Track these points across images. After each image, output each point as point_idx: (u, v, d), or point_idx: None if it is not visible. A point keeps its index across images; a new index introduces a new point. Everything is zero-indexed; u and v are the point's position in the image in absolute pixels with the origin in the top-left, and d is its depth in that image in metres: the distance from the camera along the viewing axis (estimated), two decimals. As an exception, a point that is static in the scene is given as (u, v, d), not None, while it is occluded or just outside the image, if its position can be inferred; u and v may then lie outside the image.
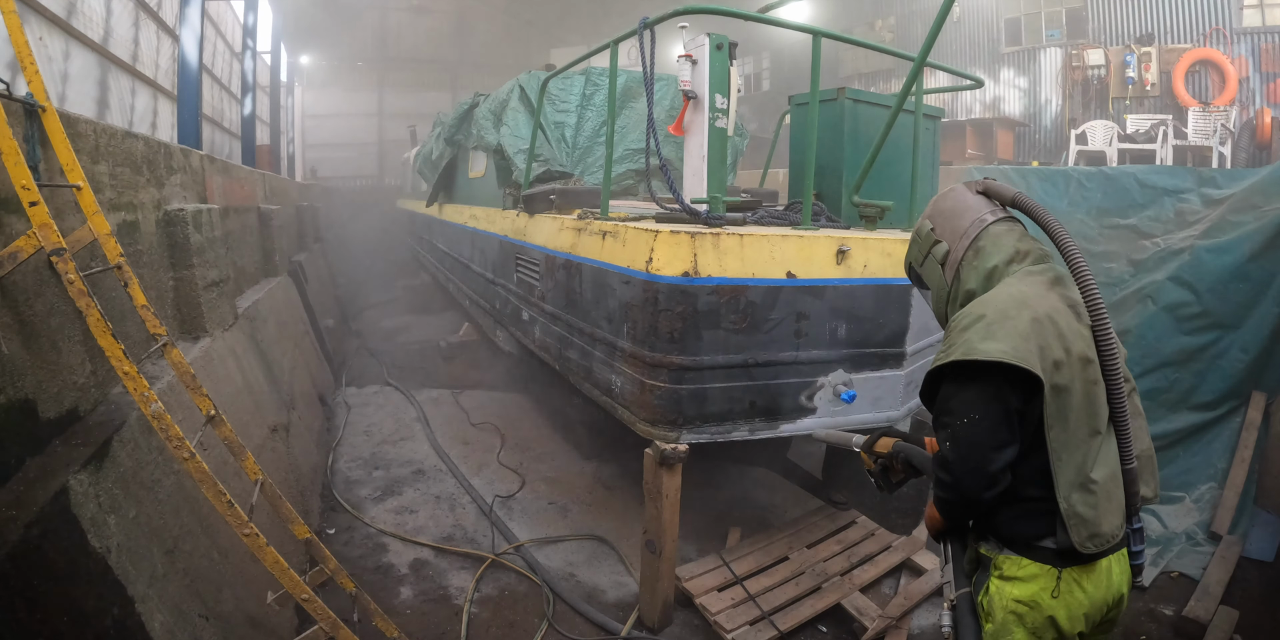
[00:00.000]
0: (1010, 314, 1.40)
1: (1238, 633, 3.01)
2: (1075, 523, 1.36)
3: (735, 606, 3.01)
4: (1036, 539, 1.42)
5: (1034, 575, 1.42)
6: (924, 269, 1.70)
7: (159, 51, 7.29)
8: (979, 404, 1.38)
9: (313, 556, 2.57)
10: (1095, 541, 1.37)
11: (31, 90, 2.08)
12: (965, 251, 1.59)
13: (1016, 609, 1.42)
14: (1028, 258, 1.54)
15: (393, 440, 5.33)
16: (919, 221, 1.72)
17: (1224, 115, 8.05)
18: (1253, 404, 4.12)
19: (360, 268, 13.41)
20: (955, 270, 1.61)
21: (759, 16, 3.24)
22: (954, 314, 1.60)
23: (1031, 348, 1.36)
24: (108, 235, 2.19)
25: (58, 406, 2.05)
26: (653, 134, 3.17)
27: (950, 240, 1.62)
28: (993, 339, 1.36)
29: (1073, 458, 1.38)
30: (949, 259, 1.62)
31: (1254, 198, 4.40)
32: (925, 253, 1.68)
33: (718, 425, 2.88)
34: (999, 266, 1.54)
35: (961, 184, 1.67)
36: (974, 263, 1.57)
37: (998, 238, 1.57)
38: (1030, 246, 1.56)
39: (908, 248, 1.76)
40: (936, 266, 1.65)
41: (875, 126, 3.26)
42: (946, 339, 1.48)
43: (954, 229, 1.61)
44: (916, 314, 3.11)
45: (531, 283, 4.23)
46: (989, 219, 1.58)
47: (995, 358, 1.34)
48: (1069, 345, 1.40)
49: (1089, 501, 1.37)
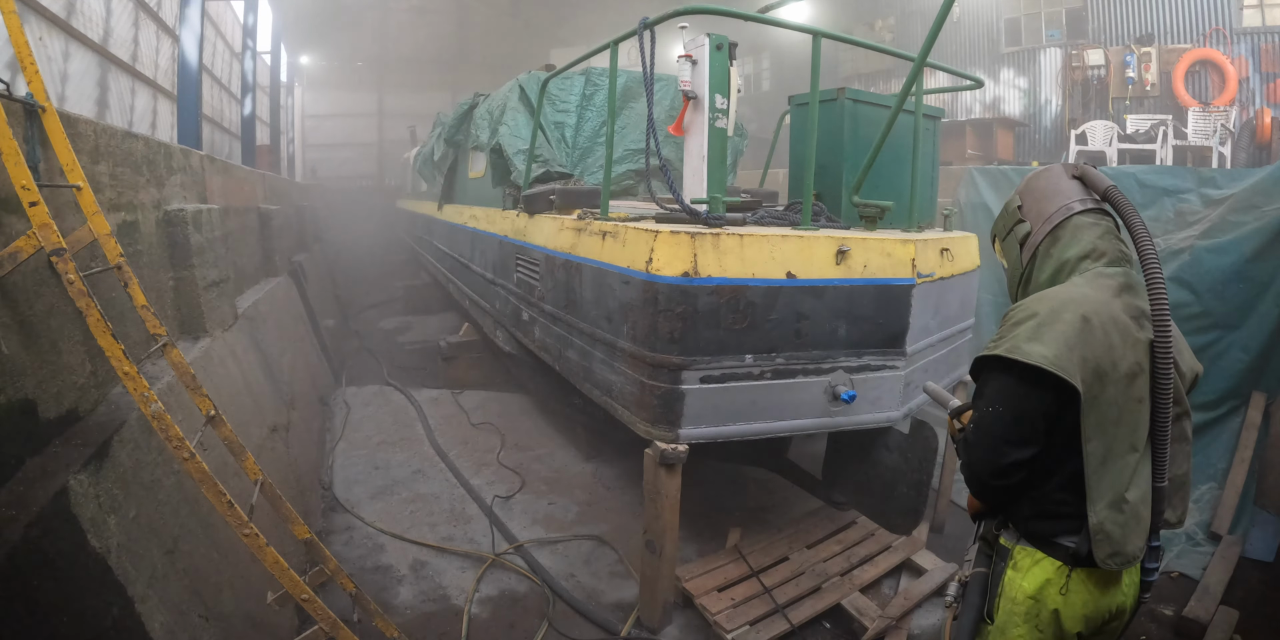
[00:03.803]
0: (1064, 317, 1.37)
1: (1238, 633, 3.01)
2: (1101, 539, 1.36)
3: (735, 607, 3.01)
4: (1055, 536, 1.43)
5: (1046, 570, 1.43)
6: (1004, 244, 1.68)
7: (159, 51, 7.29)
8: (1008, 398, 1.40)
9: (313, 556, 2.57)
10: (1116, 559, 1.36)
11: (31, 90, 2.08)
12: (1044, 237, 1.55)
13: (1024, 601, 1.44)
14: (1103, 258, 1.50)
15: (392, 440, 5.33)
16: (1011, 196, 1.69)
17: (1224, 115, 8.05)
18: (1253, 404, 4.12)
19: (360, 268, 13.41)
20: (1032, 253, 1.58)
21: (759, 16, 3.23)
22: (1020, 297, 1.61)
23: (1074, 357, 1.34)
24: (108, 235, 2.19)
25: (58, 406, 2.05)
26: (653, 134, 3.16)
27: (1033, 222, 1.58)
28: (1038, 341, 1.35)
29: (1109, 473, 1.37)
30: (1028, 241, 1.59)
31: (1254, 198, 4.40)
32: (1009, 229, 1.66)
33: (717, 425, 2.88)
34: (1071, 260, 1.51)
35: (1060, 164, 1.63)
36: (1050, 250, 1.54)
37: (1079, 230, 1.52)
38: (1110, 246, 1.51)
39: (996, 218, 1.74)
40: (1015, 245, 1.63)
41: (875, 126, 3.26)
42: (1002, 326, 1.46)
43: (1040, 211, 1.58)
44: (916, 314, 3.11)
45: (531, 283, 4.23)
46: (1076, 208, 1.53)
47: (1034, 362, 1.34)
48: (1117, 359, 1.37)
49: (1118, 520, 1.36)
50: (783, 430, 3.00)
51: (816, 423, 3.02)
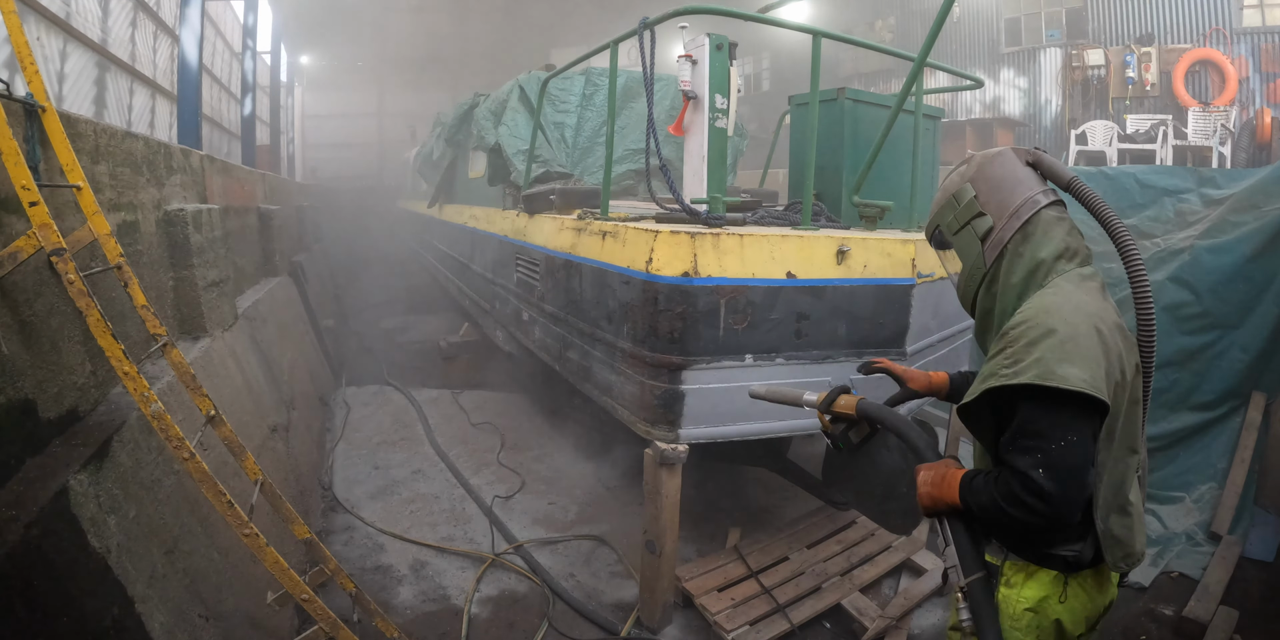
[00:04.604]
0: (1082, 331, 1.27)
1: (1238, 633, 3.00)
2: (1111, 544, 1.33)
3: (735, 606, 3.01)
4: (1052, 547, 1.37)
5: (1041, 582, 1.39)
6: (957, 239, 1.51)
7: (157, 51, 7.29)
8: (1074, 427, 1.23)
9: (313, 556, 2.57)
10: (1128, 561, 1.35)
11: (31, 90, 2.08)
12: (1014, 233, 1.41)
13: (1024, 616, 1.39)
14: (1077, 257, 1.40)
15: (392, 440, 5.33)
16: (955, 183, 1.53)
17: (1224, 115, 8.06)
18: (1253, 404, 4.12)
19: (360, 268, 13.41)
20: (999, 252, 1.43)
21: (759, 16, 3.24)
22: (980, 301, 1.49)
23: (1101, 374, 1.25)
24: (108, 235, 2.19)
25: (58, 406, 2.05)
26: (653, 134, 3.17)
27: (996, 216, 1.43)
28: (1070, 363, 1.23)
29: (1112, 478, 1.34)
30: (992, 238, 1.44)
31: (1254, 198, 4.40)
32: (963, 223, 1.48)
33: (717, 425, 2.88)
34: (1046, 261, 1.39)
35: (1009, 149, 1.48)
36: (1020, 249, 1.41)
37: (1049, 226, 1.40)
38: (1079, 244, 1.42)
39: (937, 209, 1.56)
40: (975, 242, 1.46)
41: (875, 126, 3.26)
42: (1007, 349, 1.30)
43: (1001, 203, 1.43)
44: (916, 314, 3.11)
45: (531, 283, 4.23)
46: (1042, 201, 1.41)
47: (1079, 388, 1.20)
48: (1125, 366, 1.33)
49: (1125, 523, 1.34)
50: (783, 430, 3.00)
51: (817, 423, 3.01)
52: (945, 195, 1.54)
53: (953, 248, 1.55)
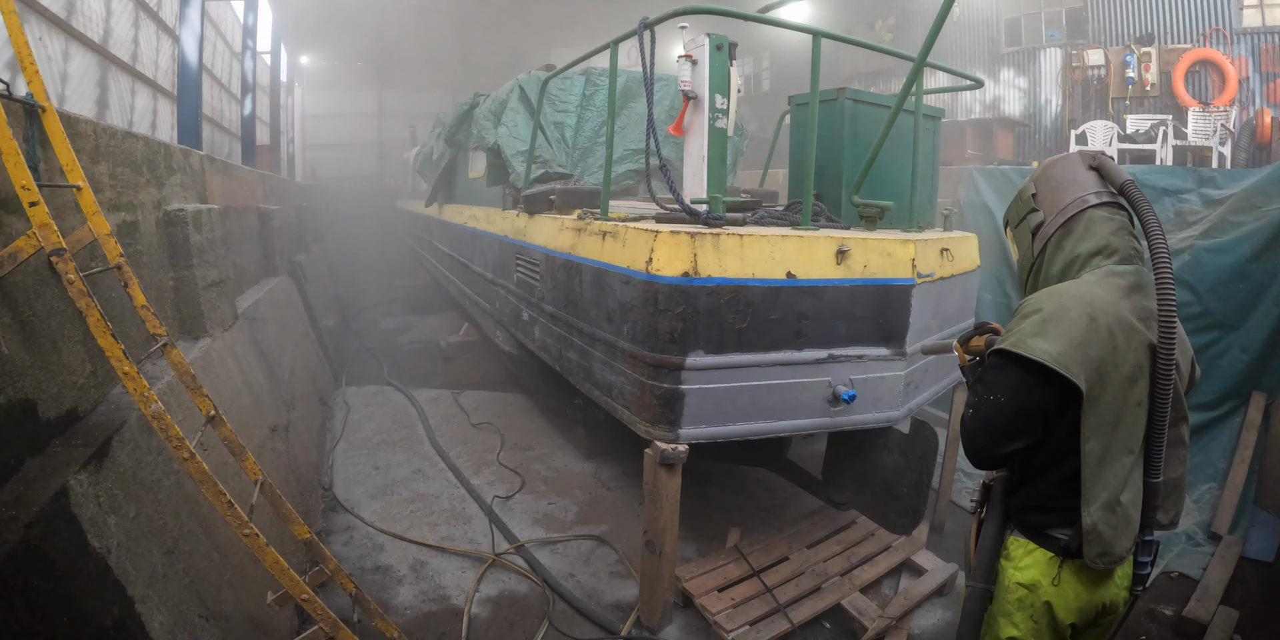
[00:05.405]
0: (1070, 314, 1.37)
1: (1238, 633, 3.01)
2: (1093, 539, 1.37)
3: (735, 606, 3.01)
4: (1047, 528, 1.46)
5: (1038, 561, 1.45)
6: (1016, 232, 1.66)
7: (159, 51, 7.28)
8: (1009, 390, 1.41)
9: (313, 556, 2.57)
10: (1104, 559, 1.38)
11: (31, 90, 2.08)
12: (1057, 229, 1.54)
13: (1017, 590, 1.47)
14: (1115, 255, 1.48)
15: (392, 440, 5.33)
16: (1027, 182, 1.67)
17: (1224, 115, 8.05)
18: (1253, 404, 4.12)
19: (360, 268, 13.41)
20: (1044, 244, 1.56)
21: (759, 16, 3.23)
22: (1029, 289, 1.61)
23: (1078, 356, 1.34)
24: (108, 235, 2.19)
25: (58, 406, 2.05)
26: (653, 134, 3.16)
27: (1047, 212, 1.56)
28: (1043, 337, 1.36)
29: (1105, 475, 1.37)
30: (1040, 231, 1.57)
31: (1254, 198, 4.40)
32: (1021, 217, 1.63)
33: (717, 425, 2.88)
34: (1082, 255, 1.49)
35: (1077, 153, 1.60)
36: (1061, 243, 1.53)
37: (1092, 224, 1.50)
38: (1123, 243, 1.49)
39: (1010, 203, 1.72)
40: (1027, 234, 1.61)
41: (875, 126, 3.25)
42: (1013, 319, 1.47)
43: (1054, 201, 1.56)
44: (916, 314, 3.11)
45: (531, 283, 4.23)
46: (1091, 201, 1.51)
47: (1038, 358, 1.35)
48: (1120, 361, 1.37)
49: (1111, 522, 1.37)
50: (783, 430, 3.00)
51: (817, 423, 3.02)
52: (1017, 192, 1.70)
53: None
